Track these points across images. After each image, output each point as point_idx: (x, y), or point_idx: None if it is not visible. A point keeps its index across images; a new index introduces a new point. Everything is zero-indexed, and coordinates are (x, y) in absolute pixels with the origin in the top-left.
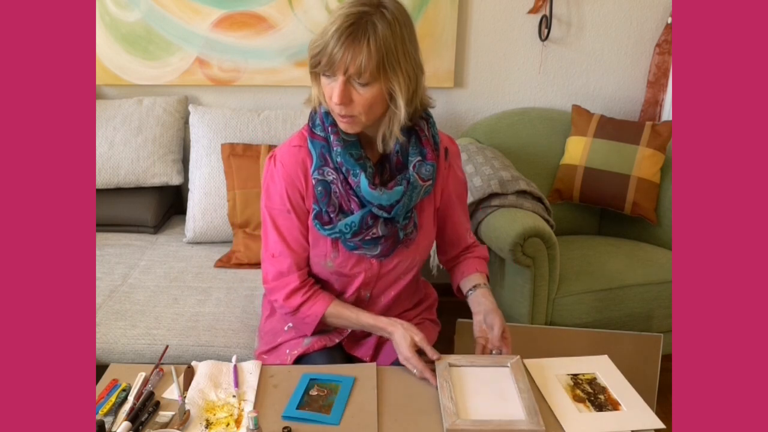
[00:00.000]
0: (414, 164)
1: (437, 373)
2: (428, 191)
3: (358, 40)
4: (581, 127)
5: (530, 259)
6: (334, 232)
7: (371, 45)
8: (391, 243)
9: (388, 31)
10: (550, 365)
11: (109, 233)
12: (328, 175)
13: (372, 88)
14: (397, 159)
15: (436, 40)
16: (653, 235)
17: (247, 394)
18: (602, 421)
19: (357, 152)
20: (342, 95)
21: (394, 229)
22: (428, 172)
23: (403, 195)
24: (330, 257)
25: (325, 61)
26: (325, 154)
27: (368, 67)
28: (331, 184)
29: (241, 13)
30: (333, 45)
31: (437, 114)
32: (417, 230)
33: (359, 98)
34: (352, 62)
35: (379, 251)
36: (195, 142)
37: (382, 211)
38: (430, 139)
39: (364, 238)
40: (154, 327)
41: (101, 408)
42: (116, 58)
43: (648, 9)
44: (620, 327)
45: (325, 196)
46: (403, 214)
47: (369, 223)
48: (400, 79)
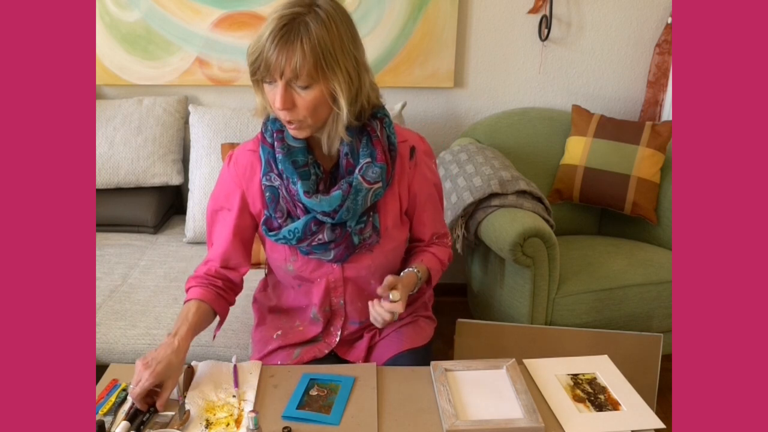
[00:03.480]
0: (361, 167)
1: (434, 378)
2: (379, 194)
3: (291, 42)
4: (581, 127)
5: (530, 259)
6: (279, 238)
7: (305, 46)
8: (345, 248)
9: (323, 30)
10: (550, 365)
11: (109, 233)
12: (274, 181)
13: (313, 90)
14: (347, 161)
15: (436, 40)
16: (653, 235)
17: (247, 394)
18: (602, 421)
19: (303, 159)
20: (283, 100)
21: (346, 234)
22: (375, 174)
23: (345, 200)
24: (290, 261)
25: (263, 67)
26: (271, 160)
27: (304, 68)
28: (278, 189)
29: (241, 13)
30: (267, 49)
31: (437, 114)
32: (379, 234)
33: (302, 101)
34: (287, 64)
35: (333, 256)
36: (195, 142)
37: (326, 216)
38: (382, 140)
39: (311, 244)
40: (154, 327)
41: (101, 408)
42: (116, 58)
43: (648, 9)
44: (620, 327)
45: (273, 201)
46: (353, 219)
47: (313, 229)
48: (340, 79)
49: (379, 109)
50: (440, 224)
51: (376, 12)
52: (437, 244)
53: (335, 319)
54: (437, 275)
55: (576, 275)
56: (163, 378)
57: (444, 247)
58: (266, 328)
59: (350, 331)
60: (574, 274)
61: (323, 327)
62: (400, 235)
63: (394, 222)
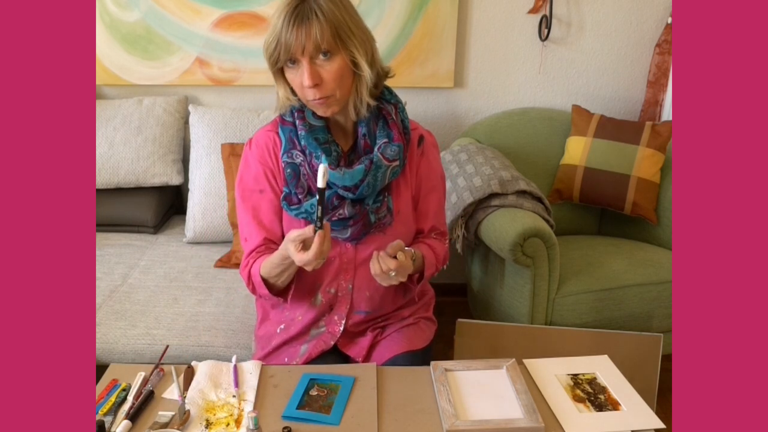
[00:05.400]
0: (380, 146)
1: (434, 378)
2: (396, 172)
3: (307, 19)
4: (581, 127)
5: (530, 259)
6: (301, 212)
7: (321, 19)
8: (362, 226)
9: (332, 5)
10: (550, 365)
11: (109, 233)
12: (296, 158)
13: (336, 59)
14: (365, 143)
15: (436, 40)
16: (653, 235)
17: (247, 394)
18: (602, 421)
19: (324, 137)
20: (311, 75)
21: (364, 211)
22: (393, 152)
23: (366, 174)
24: None
25: (283, 51)
26: (293, 137)
27: (324, 39)
28: (300, 167)
29: (241, 13)
30: (285, 32)
31: (437, 114)
32: (392, 215)
33: (327, 74)
34: (308, 39)
35: (350, 234)
36: (195, 142)
37: (347, 191)
38: (398, 123)
39: (331, 219)
40: (154, 327)
41: (101, 408)
42: (116, 58)
43: (648, 9)
44: (620, 327)
45: (294, 178)
46: (372, 196)
47: (335, 203)
48: (357, 44)
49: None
50: (441, 220)
51: (376, 12)
52: (435, 239)
53: (340, 305)
54: (430, 269)
55: (576, 275)
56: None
57: (441, 244)
58: (270, 324)
59: (355, 321)
60: (574, 274)
61: (324, 311)
62: (410, 221)
63: (405, 206)
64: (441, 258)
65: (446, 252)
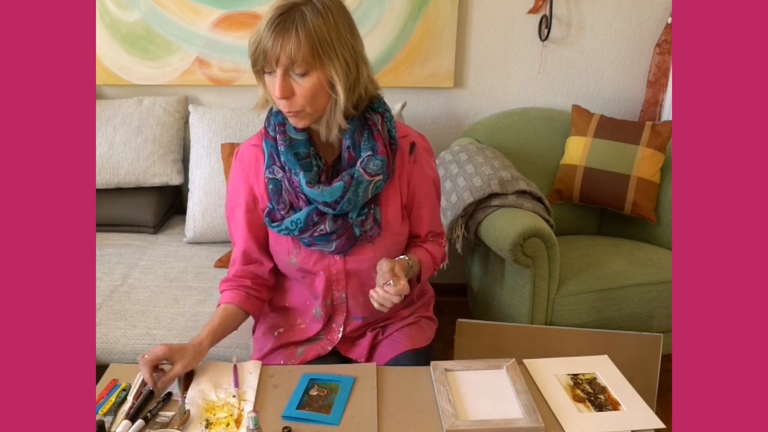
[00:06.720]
0: (363, 159)
1: (434, 378)
2: (379, 186)
3: (287, 29)
4: (581, 127)
5: (530, 259)
6: (282, 229)
7: (300, 33)
8: (346, 239)
9: (319, 20)
10: (550, 365)
11: (109, 233)
12: (277, 174)
13: (310, 77)
14: (349, 155)
15: (436, 40)
16: (653, 235)
17: (247, 394)
18: (602, 421)
19: (305, 151)
20: (282, 88)
21: (347, 225)
22: (377, 166)
23: (346, 191)
24: (293, 253)
25: (261, 56)
26: (273, 153)
27: (299, 54)
28: (281, 182)
29: (241, 13)
30: (264, 37)
31: (437, 114)
32: (380, 227)
33: (300, 89)
34: (282, 51)
35: (335, 247)
36: (195, 142)
37: (327, 207)
38: (383, 134)
39: (313, 235)
40: (154, 327)
41: (101, 408)
42: (116, 58)
43: (648, 9)
44: (620, 327)
45: (276, 194)
46: (355, 210)
47: (315, 219)
48: (336, 66)
49: (380, 102)
50: (437, 223)
51: (376, 12)
52: (432, 242)
53: (337, 314)
54: (428, 272)
55: (576, 275)
56: (174, 355)
57: (438, 246)
58: (267, 326)
59: (353, 327)
60: (574, 274)
61: (324, 323)
62: (401, 230)
63: (395, 216)
64: (438, 260)
65: (444, 253)
